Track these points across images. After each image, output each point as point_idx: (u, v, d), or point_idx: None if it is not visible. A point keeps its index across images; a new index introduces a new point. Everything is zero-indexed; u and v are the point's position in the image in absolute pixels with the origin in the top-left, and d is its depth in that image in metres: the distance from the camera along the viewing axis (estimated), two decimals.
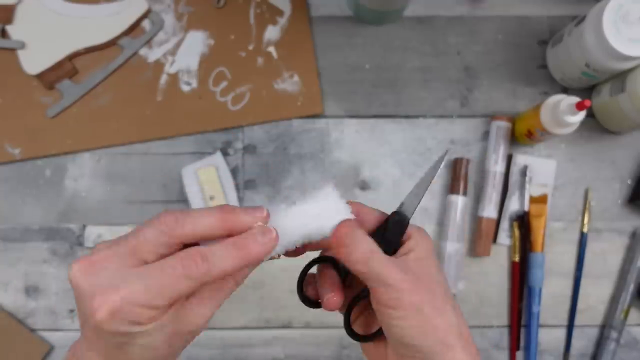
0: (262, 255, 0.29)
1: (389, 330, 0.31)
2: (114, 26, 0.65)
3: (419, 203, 0.34)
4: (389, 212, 0.34)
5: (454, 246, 0.61)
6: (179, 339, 0.30)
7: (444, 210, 0.63)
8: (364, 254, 0.30)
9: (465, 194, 0.62)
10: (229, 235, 0.29)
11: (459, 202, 0.62)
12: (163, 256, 0.28)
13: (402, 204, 0.34)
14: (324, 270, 0.35)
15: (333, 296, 0.33)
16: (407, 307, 0.30)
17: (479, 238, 0.62)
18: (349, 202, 0.33)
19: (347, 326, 0.34)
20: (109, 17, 0.65)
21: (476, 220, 0.63)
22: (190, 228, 0.28)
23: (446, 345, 0.30)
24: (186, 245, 0.29)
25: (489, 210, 0.62)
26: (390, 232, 0.33)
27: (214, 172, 0.62)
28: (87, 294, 0.27)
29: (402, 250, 0.33)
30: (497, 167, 0.62)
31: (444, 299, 0.31)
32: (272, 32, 0.66)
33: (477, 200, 0.64)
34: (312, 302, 0.34)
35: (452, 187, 0.63)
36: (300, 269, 0.36)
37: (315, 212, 0.32)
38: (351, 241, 0.31)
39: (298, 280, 0.35)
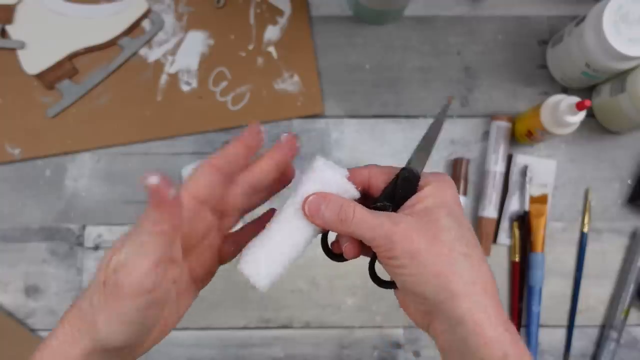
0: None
1: (394, 278, 0.31)
2: (114, 26, 0.65)
3: (428, 157, 0.33)
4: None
5: None
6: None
7: None
8: (336, 216, 0.31)
9: (465, 194, 0.62)
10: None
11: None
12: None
13: (410, 160, 0.33)
14: None
15: (348, 245, 0.33)
16: (401, 256, 0.30)
17: (479, 238, 0.62)
18: (361, 167, 0.34)
19: (371, 271, 0.35)
20: (109, 17, 0.65)
21: (476, 220, 0.63)
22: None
23: (450, 292, 0.29)
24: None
25: (489, 211, 0.62)
26: (400, 189, 0.32)
27: None
28: None
29: (409, 202, 0.32)
30: (497, 167, 0.62)
31: (451, 246, 0.30)
32: (272, 32, 0.66)
33: (477, 200, 0.64)
34: (337, 255, 0.35)
35: None
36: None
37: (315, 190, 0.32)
38: (323, 209, 0.31)
39: (322, 238, 0.35)
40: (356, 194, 0.33)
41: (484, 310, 0.29)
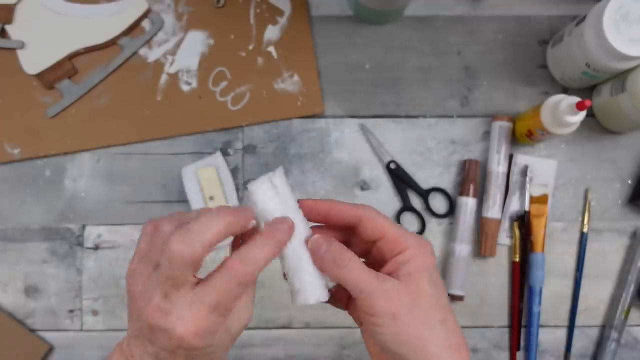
0: (286, 241, 0.33)
1: (374, 337, 0.33)
2: (114, 26, 0.65)
3: None
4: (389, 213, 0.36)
5: (463, 248, 0.61)
6: (232, 336, 0.33)
7: (455, 212, 0.64)
8: (333, 264, 0.33)
9: (475, 196, 0.62)
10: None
11: (469, 204, 0.62)
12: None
13: None
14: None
15: (338, 289, 0.36)
16: (381, 315, 0.32)
17: (485, 239, 0.62)
18: (321, 201, 0.35)
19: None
20: (108, 17, 0.65)
21: (479, 220, 0.63)
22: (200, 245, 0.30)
23: (429, 354, 0.32)
24: None
25: (493, 211, 0.62)
26: None
27: (214, 172, 0.62)
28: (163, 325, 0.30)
29: (392, 263, 0.33)
30: (499, 167, 0.62)
31: (430, 312, 0.32)
32: (272, 32, 0.66)
33: (480, 200, 0.63)
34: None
35: (463, 189, 0.62)
36: None
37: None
38: (323, 249, 0.33)
39: None
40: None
41: None
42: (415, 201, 0.64)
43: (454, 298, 0.61)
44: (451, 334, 0.32)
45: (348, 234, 0.36)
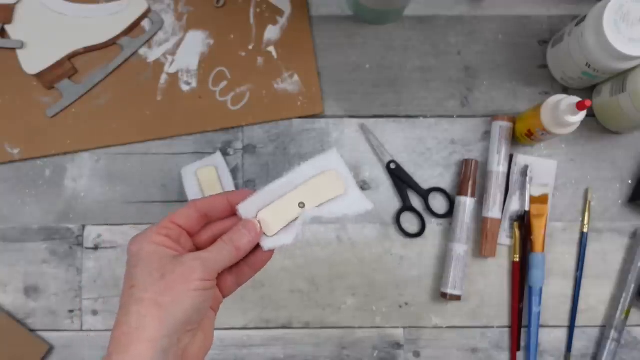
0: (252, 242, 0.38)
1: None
2: (114, 26, 0.65)
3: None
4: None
5: (462, 247, 0.61)
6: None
7: (453, 211, 0.64)
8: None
9: (474, 195, 0.62)
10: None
11: (467, 203, 0.62)
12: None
13: None
14: None
15: None
16: None
17: (485, 239, 0.62)
18: None
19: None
20: (108, 16, 0.65)
21: (479, 221, 0.63)
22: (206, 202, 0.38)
23: None
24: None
25: (494, 211, 0.62)
26: None
27: (214, 172, 0.62)
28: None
29: None
30: (500, 167, 0.62)
31: None
32: (272, 32, 0.66)
33: (480, 200, 0.63)
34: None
35: (461, 188, 0.62)
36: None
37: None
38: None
39: None
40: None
41: None
42: (416, 201, 0.64)
43: (451, 297, 0.61)
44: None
45: None
